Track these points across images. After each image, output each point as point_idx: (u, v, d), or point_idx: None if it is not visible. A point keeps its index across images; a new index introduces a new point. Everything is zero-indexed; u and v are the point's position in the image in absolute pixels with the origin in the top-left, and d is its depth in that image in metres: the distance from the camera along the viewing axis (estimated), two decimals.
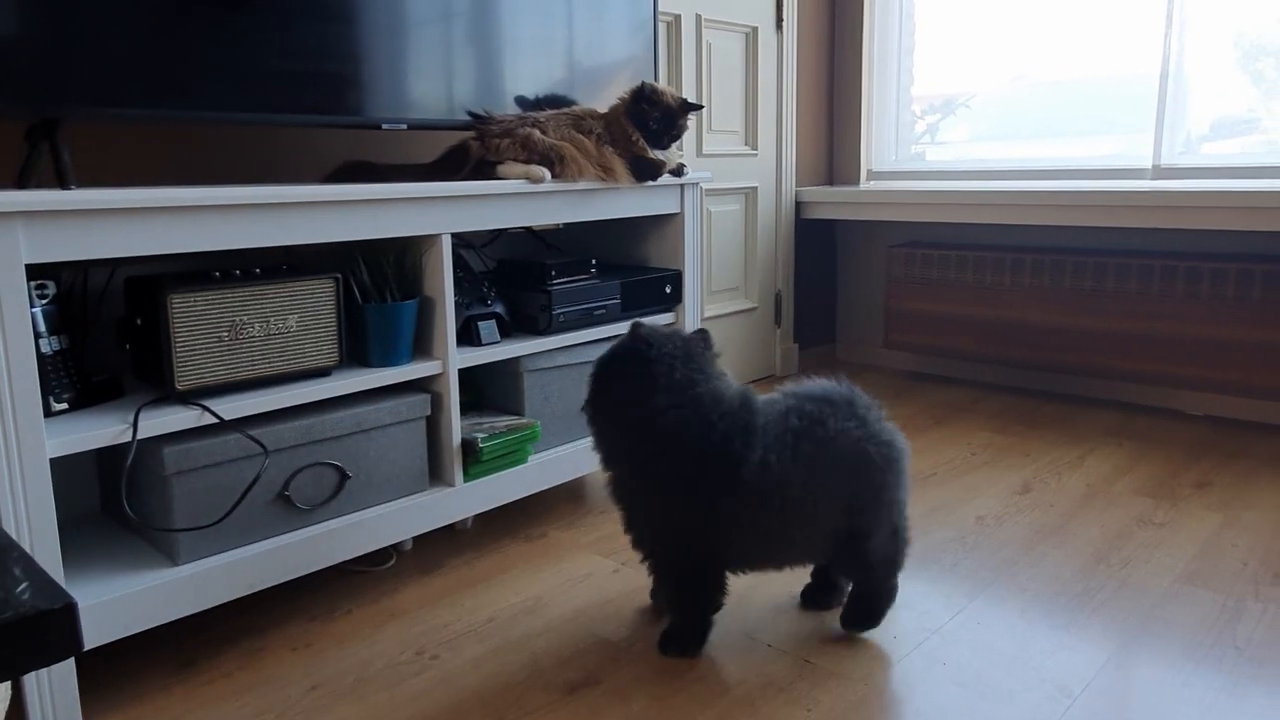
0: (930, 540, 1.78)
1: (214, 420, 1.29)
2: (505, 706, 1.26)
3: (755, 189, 2.91)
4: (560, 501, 2.00)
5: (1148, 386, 2.66)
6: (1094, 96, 2.77)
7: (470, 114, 1.69)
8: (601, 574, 1.65)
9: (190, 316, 1.28)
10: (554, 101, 1.84)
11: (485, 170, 1.60)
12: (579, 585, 1.61)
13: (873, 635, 1.43)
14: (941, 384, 3.00)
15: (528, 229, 2.03)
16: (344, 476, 1.47)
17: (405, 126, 1.60)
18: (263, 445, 1.34)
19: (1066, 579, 1.60)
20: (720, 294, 2.86)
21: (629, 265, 2.06)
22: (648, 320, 1.56)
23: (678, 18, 2.57)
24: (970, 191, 2.70)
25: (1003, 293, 2.74)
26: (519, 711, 1.25)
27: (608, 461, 1.39)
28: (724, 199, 2.82)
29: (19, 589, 0.76)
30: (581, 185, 1.69)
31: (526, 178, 1.59)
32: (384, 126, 1.57)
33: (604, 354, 1.37)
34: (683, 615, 1.39)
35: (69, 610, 0.74)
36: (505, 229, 1.98)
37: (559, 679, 1.32)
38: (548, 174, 1.60)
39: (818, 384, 1.38)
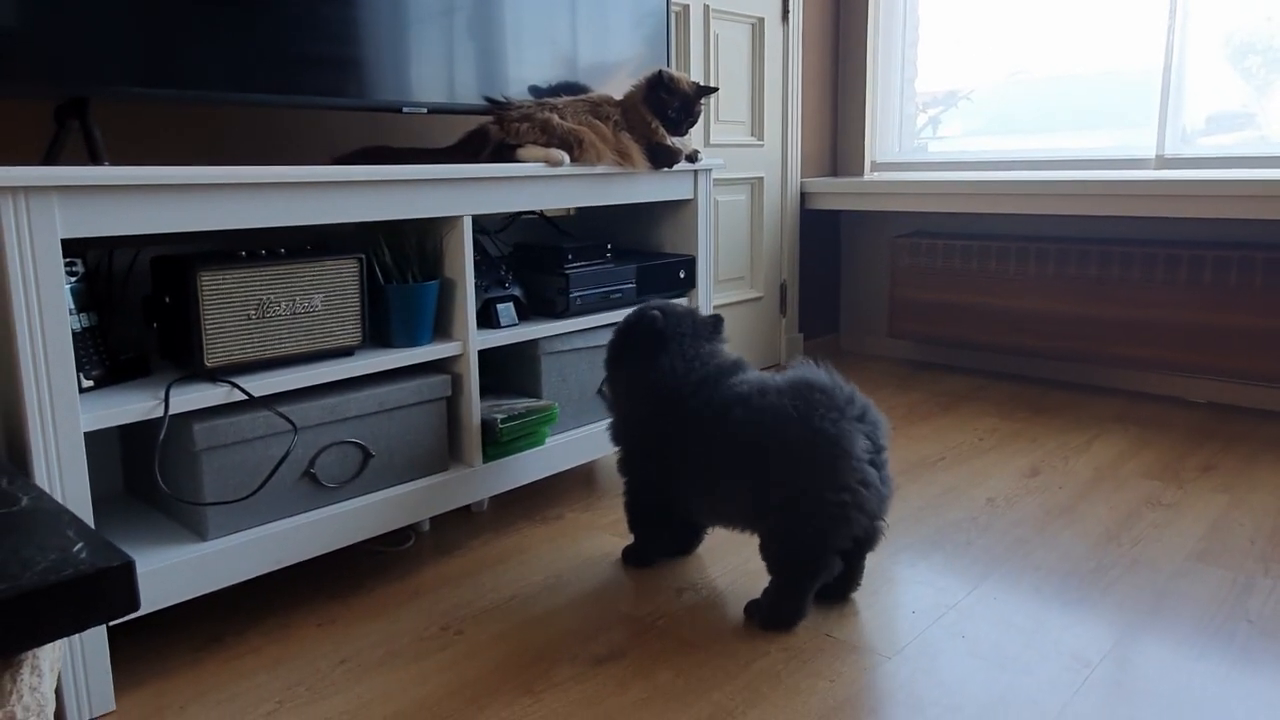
0: (943, 521, 1.80)
1: (242, 397, 1.30)
2: (533, 678, 1.27)
3: (761, 179, 2.93)
4: (575, 484, 2.02)
5: (1151, 374, 2.69)
6: (1093, 90, 2.80)
7: (488, 99, 1.70)
8: (617, 553, 1.66)
9: (219, 294, 1.29)
10: (568, 89, 1.86)
11: (504, 154, 1.62)
12: (598, 565, 1.63)
13: (892, 611, 1.45)
14: (946, 372, 3.02)
15: (541, 214, 2.05)
16: (367, 455, 1.48)
17: (425, 110, 1.61)
18: (292, 422, 1.35)
19: (1078, 557, 1.63)
20: (726, 283, 2.88)
21: (643, 250, 2.07)
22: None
23: (686, 8, 2.59)
24: (974, 181, 2.72)
25: (1007, 282, 2.77)
26: (546, 683, 1.26)
27: (612, 405, 1.58)
28: (730, 189, 2.84)
29: (76, 548, 0.78)
30: (599, 170, 1.71)
31: (546, 161, 1.60)
32: (405, 110, 1.58)
33: (624, 319, 1.55)
34: (630, 526, 1.60)
35: (127, 568, 0.75)
36: (520, 214, 2.00)
37: (584, 653, 1.34)
38: (566, 158, 1.62)
39: (806, 370, 1.40)
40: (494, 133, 1.63)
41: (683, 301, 1.99)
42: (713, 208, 1.99)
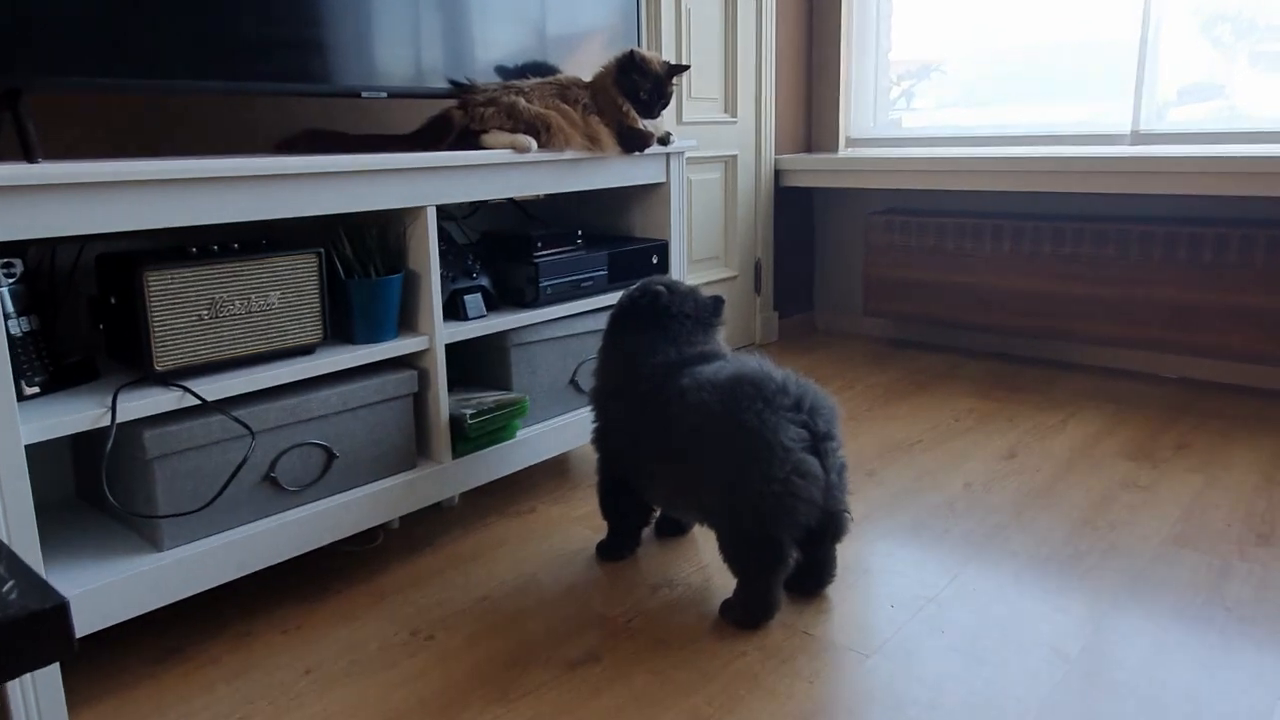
0: (921, 506, 1.78)
1: (195, 402, 1.25)
2: (506, 685, 1.24)
3: (735, 157, 2.88)
4: (547, 477, 1.98)
5: (1124, 350, 2.68)
6: (1068, 63, 2.76)
7: (452, 82, 1.64)
8: (593, 549, 1.63)
9: (168, 294, 1.23)
10: (536, 70, 1.79)
11: (469, 140, 1.56)
12: (571, 560, 1.60)
13: (870, 605, 1.43)
14: (921, 351, 3.01)
15: (510, 200, 1.99)
16: (331, 456, 1.43)
17: (385, 95, 1.54)
18: (248, 427, 1.30)
19: (1056, 543, 1.61)
20: (701, 262, 2.83)
21: (614, 236, 2.02)
22: None
23: None
24: (950, 158, 2.69)
25: (982, 259, 2.75)
26: (520, 690, 1.23)
27: (597, 372, 1.56)
28: (704, 167, 2.79)
29: (5, 588, 0.72)
30: (568, 155, 1.65)
31: (512, 147, 1.55)
32: (364, 94, 1.52)
33: (629, 290, 1.54)
34: (603, 510, 1.59)
35: (61, 611, 0.70)
36: (487, 201, 1.94)
37: (558, 656, 1.31)
38: (534, 143, 1.56)
39: (741, 362, 1.39)
40: (458, 118, 1.57)
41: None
42: (686, 190, 1.94)
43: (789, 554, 1.33)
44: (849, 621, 1.38)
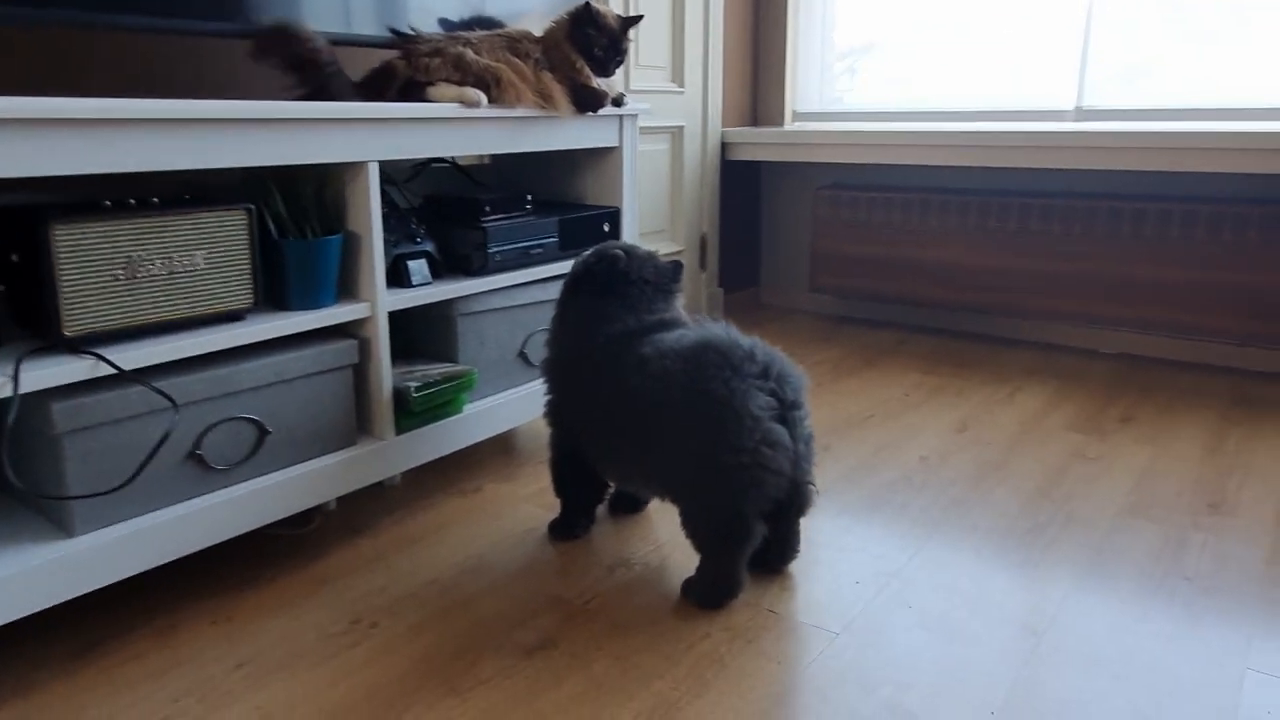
0: (878, 481, 1.75)
1: (110, 371, 1.13)
2: (457, 675, 1.16)
3: (682, 128, 2.80)
4: (493, 454, 1.90)
5: (1066, 325, 2.71)
6: (1013, 40, 2.76)
7: (394, 31, 1.53)
8: (545, 528, 1.56)
9: (79, 252, 1.11)
10: (481, 23, 1.69)
11: (413, 92, 1.45)
12: (522, 541, 1.52)
13: (834, 582, 1.39)
14: (867, 326, 3.00)
15: (453, 164, 1.89)
16: (263, 432, 1.32)
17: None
18: (171, 399, 1.18)
19: (1014, 515, 1.60)
20: (647, 236, 2.76)
21: (564, 202, 1.94)
22: None
23: None
24: (897, 133, 2.66)
25: (928, 235, 2.74)
26: (473, 680, 1.15)
27: (550, 342, 1.48)
28: (652, 138, 2.71)
29: None
30: (519, 113, 1.56)
31: (460, 101, 1.45)
32: None
33: (585, 255, 1.46)
34: (556, 487, 1.53)
35: None
36: (430, 162, 1.83)
37: (512, 642, 1.23)
38: (484, 98, 1.46)
39: (706, 329, 1.33)
40: (400, 68, 1.46)
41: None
42: (636, 156, 1.86)
43: (756, 529, 1.28)
44: (814, 599, 1.34)
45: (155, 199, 1.21)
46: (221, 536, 1.28)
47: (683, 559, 1.45)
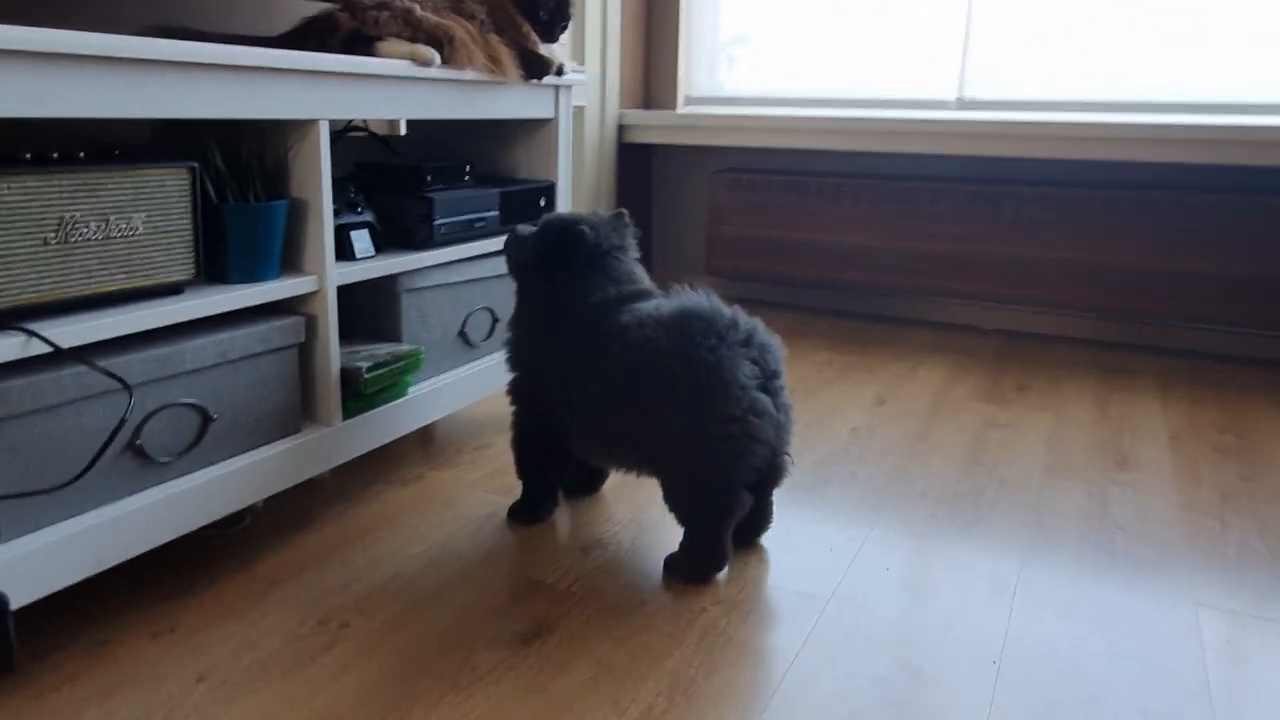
0: (818, 455, 1.78)
1: (40, 350, 0.97)
2: (453, 670, 1.08)
3: (583, 109, 2.75)
4: (422, 441, 1.79)
5: (949, 303, 2.87)
6: (899, 32, 2.89)
7: None
8: (503, 513, 1.49)
9: (5, 211, 0.94)
10: None
11: (358, 47, 1.34)
12: (482, 528, 1.44)
13: (809, 550, 1.40)
14: (765, 309, 3.05)
15: (367, 131, 1.76)
16: (206, 419, 1.18)
17: None
18: (123, 382, 1.03)
19: (954, 480, 1.67)
20: None
21: (496, 175, 1.85)
22: None
23: None
24: (792, 117, 2.73)
25: (822, 218, 2.82)
26: (471, 674, 1.08)
27: (515, 321, 1.42)
28: None
29: None
30: (468, 76, 1.47)
31: (412, 59, 1.35)
32: None
33: (543, 226, 1.40)
34: (519, 470, 1.45)
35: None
36: (346, 128, 1.70)
37: (504, 632, 1.16)
38: (437, 57, 1.37)
39: (686, 298, 1.31)
40: (344, 20, 1.34)
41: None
42: (570, 129, 1.81)
43: (743, 499, 1.27)
44: (794, 567, 1.34)
45: (81, 153, 1.05)
46: (165, 537, 1.13)
47: (654, 537, 1.42)
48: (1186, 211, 2.41)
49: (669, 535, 1.41)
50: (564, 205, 1.84)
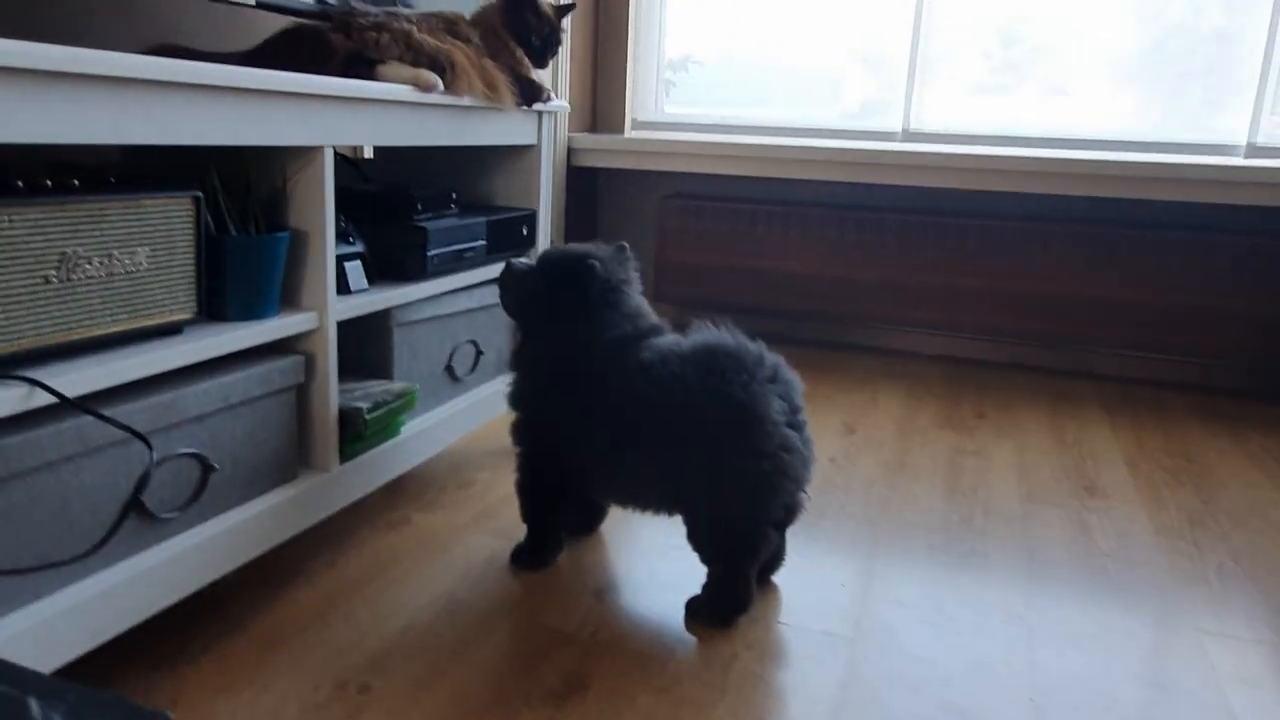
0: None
1: (43, 402, 0.87)
2: None
3: None
4: (401, 479, 1.70)
5: (895, 330, 2.94)
6: (849, 63, 2.96)
7: (322, 0, 1.33)
8: (503, 557, 1.42)
9: (5, 247, 0.84)
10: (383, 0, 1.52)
11: (358, 70, 1.26)
12: (486, 574, 1.37)
13: (821, 586, 1.39)
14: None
15: (339, 155, 1.67)
16: (207, 469, 1.08)
17: (253, 2, 1.20)
18: (140, 435, 0.93)
19: (940, 510, 1.70)
20: None
21: (476, 204, 1.79)
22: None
23: None
24: (744, 145, 2.75)
25: (771, 244, 2.85)
26: None
27: (520, 362, 1.37)
28: None
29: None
30: (465, 102, 1.41)
31: (415, 84, 1.28)
32: None
33: (543, 261, 1.35)
34: (526, 513, 1.39)
35: None
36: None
37: (537, 689, 1.10)
38: (440, 82, 1.31)
39: (709, 334, 1.30)
40: (339, 42, 1.26)
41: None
42: (554, 155, 1.77)
43: (771, 538, 1.25)
44: (811, 606, 1.33)
45: (76, 180, 0.95)
46: (166, 601, 1.03)
47: (664, 573, 1.39)
48: (1131, 245, 2.54)
49: (677, 573, 1.38)
50: (544, 235, 1.80)
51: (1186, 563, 1.52)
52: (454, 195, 1.57)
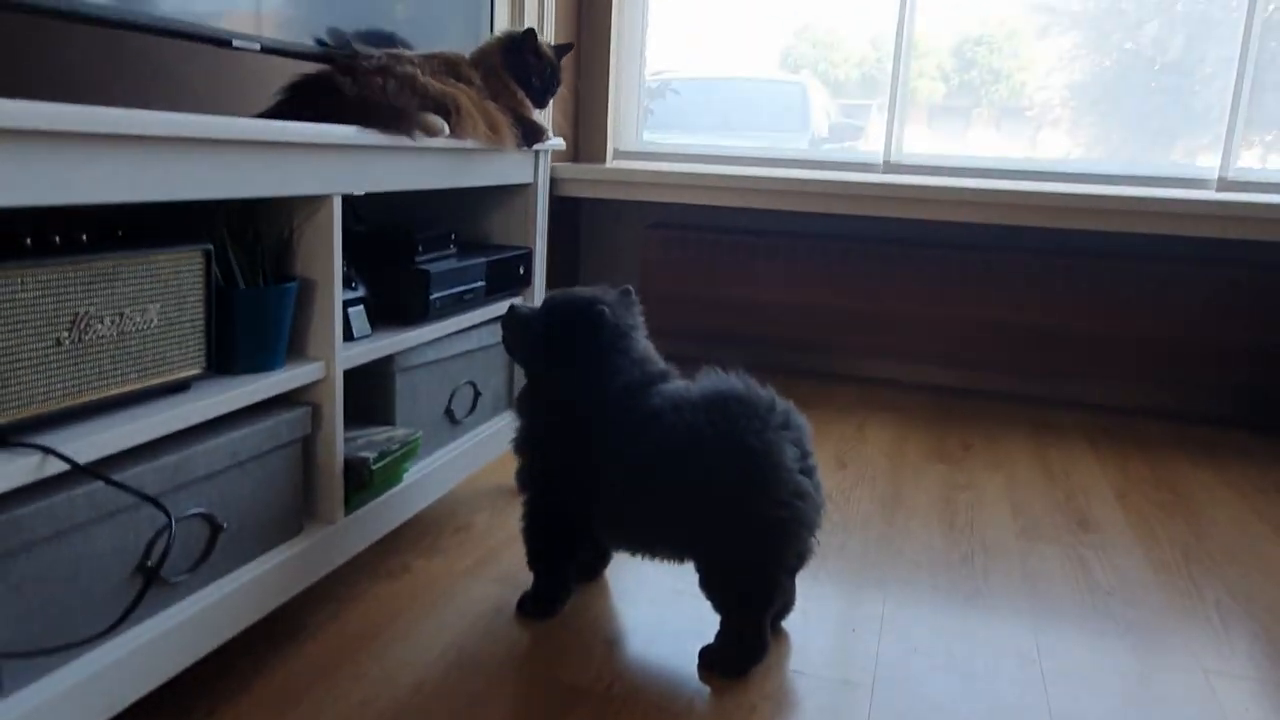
0: None
1: (55, 470, 0.83)
2: None
3: None
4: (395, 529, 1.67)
5: (879, 360, 2.96)
6: (827, 89, 3.00)
7: (323, 43, 1.30)
8: (508, 606, 1.39)
9: (14, 306, 0.81)
10: (382, 40, 1.50)
11: (381, 117, 1.24)
12: (493, 624, 1.35)
13: (832, 632, 1.38)
14: (698, 365, 3.05)
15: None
16: (215, 529, 1.05)
17: (259, 48, 1.18)
18: (160, 505, 0.90)
19: (940, 548, 1.70)
20: None
21: (472, 243, 1.77)
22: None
23: None
24: (726, 175, 2.76)
25: (754, 274, 2.86)
26: None
27: (527, 409, 1.35)
28: None
29: None
30: (468, 145, 1.40)
31: (423, 129, 1.26)
32: (235, 44, 1.14)
33: (548, 306, 1.33)
34: (533, 559, 1.36)
35: None
36: None
37: None
38: (446, 126, 1.29)
39: (719, 380, 1.30)
40: (346, 86, 1.24)
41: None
42: (548, 193, 1.75)
43: (784, 586, 1.24)
44: (825, 653, 1.32)
45: (84, 236, 0.92)
46: (176, 668, 0.99)
47: (673, 620, 1.37)
48: (1113, 275, 2.59)
49: (687, 619, 1.36)
50: (539, 274, 1.78)
51: (1185, 600, 1.53)
52: (453, 235, 1.55)
